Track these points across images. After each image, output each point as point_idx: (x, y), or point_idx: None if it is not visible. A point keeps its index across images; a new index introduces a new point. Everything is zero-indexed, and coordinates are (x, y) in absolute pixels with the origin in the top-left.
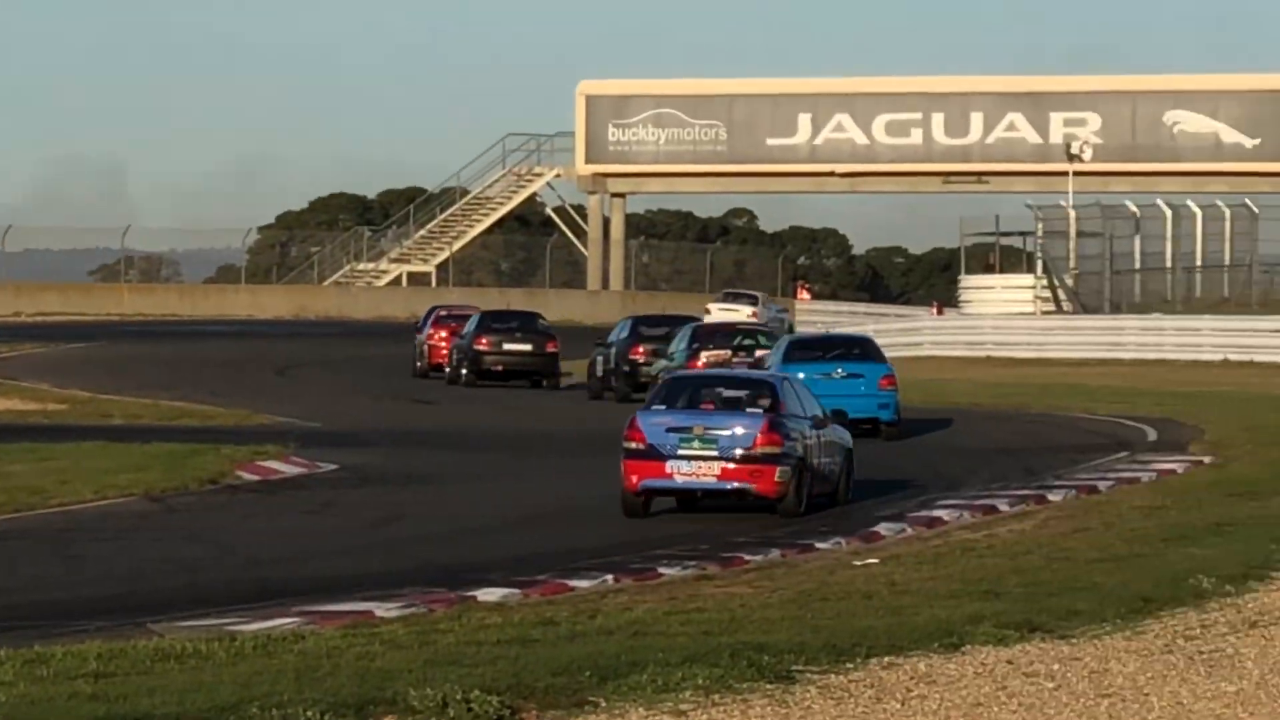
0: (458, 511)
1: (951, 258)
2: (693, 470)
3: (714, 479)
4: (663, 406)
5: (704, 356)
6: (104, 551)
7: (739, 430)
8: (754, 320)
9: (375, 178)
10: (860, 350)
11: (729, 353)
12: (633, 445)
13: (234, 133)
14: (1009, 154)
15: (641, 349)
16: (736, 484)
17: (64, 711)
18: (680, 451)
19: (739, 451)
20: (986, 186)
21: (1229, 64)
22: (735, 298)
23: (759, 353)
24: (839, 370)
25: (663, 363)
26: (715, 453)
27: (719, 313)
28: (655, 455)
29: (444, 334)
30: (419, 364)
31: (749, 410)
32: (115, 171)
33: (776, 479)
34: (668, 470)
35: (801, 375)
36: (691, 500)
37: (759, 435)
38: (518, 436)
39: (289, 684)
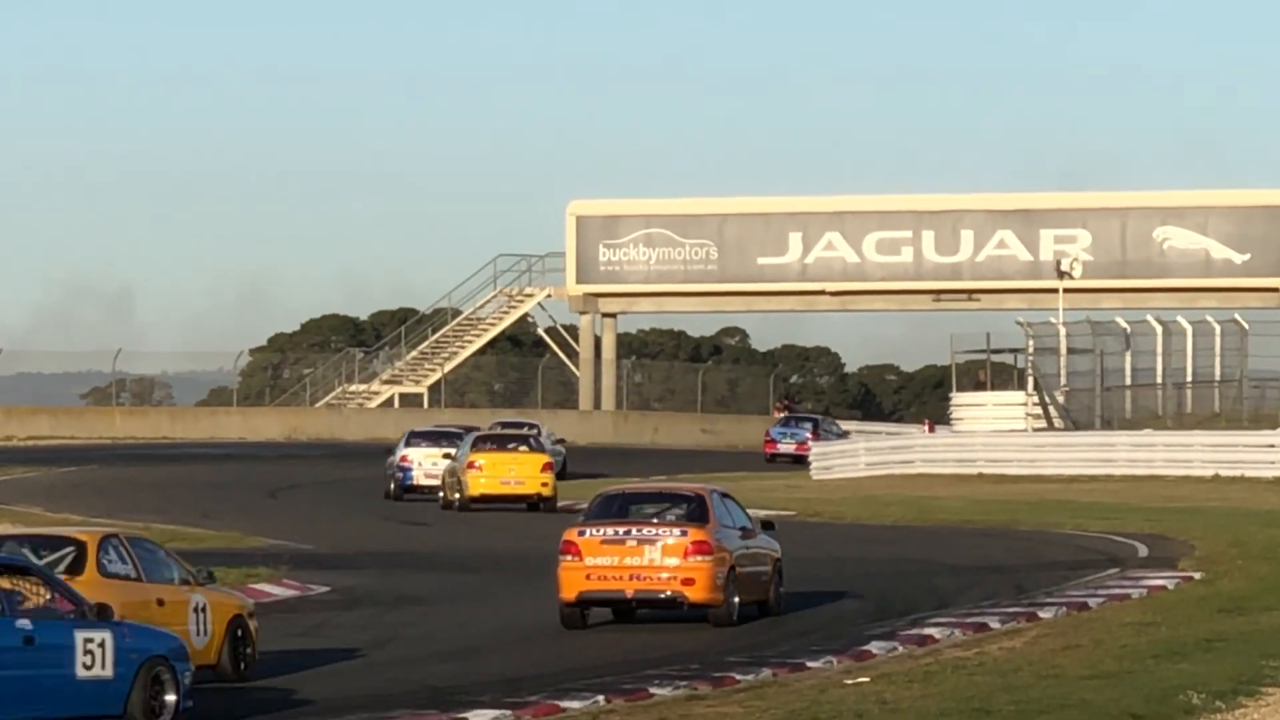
0: (448, 633)
1: (943, 375)
2: None
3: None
4: None
5: None
6: None
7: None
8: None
9: (367, 299)
10: None
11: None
12: None
13: (231, 257)
14: (999, 271)
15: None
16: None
17: None
18: None
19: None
20: (977, 304)
21: (1218, 180)
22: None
23: None
24: None
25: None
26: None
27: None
28: None
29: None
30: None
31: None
32: (121, 294)
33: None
34: None
35: None
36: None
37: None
38: (507, 557)
39: None
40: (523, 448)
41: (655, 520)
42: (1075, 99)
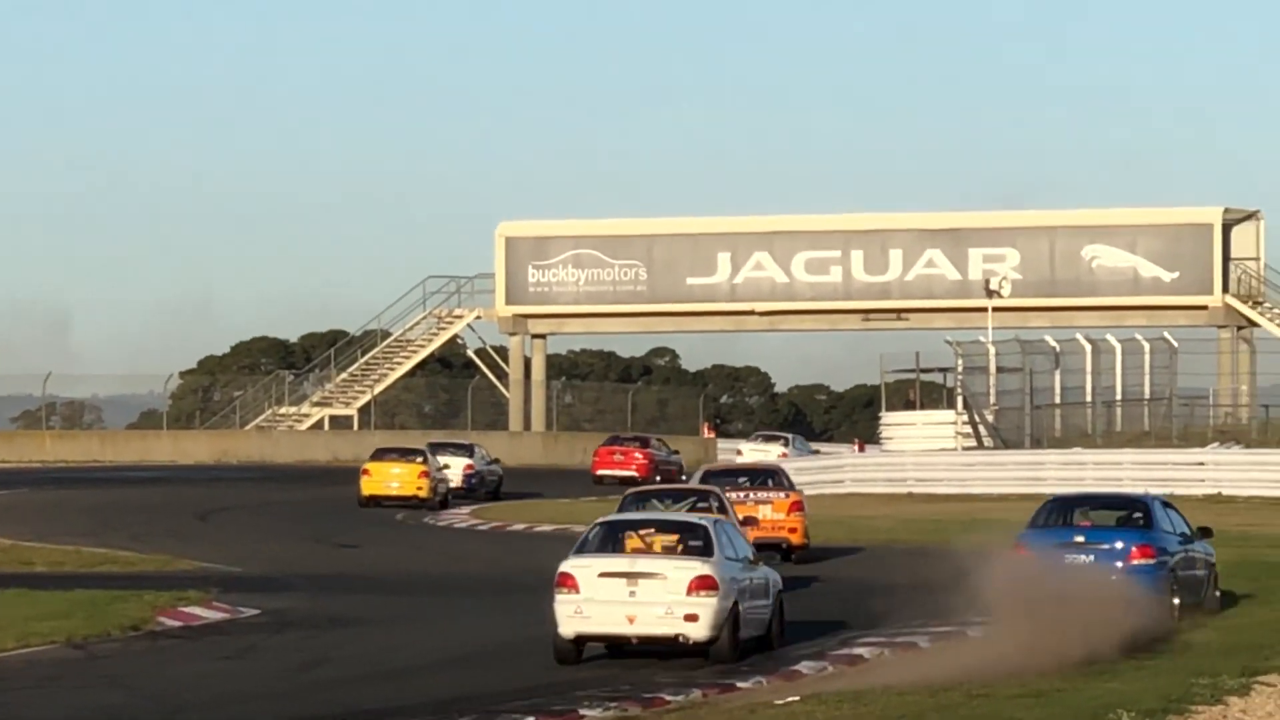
0: (380, 655)
1: (873, 394)
2: None
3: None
4: None
5: None
6: (26, 700)
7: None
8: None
9: (297, 321)
10: None
11: None
12: None
13: (162, 280)
14: (928, 290)
15: None
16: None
17: None
18: None
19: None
20: (906, 323)
21: (1146, 198)
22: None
23: None
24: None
25: None
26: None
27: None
28: None
29: None
30: None
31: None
32: (53, 317)
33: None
34: None
35: None
36: None
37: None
38: (438, 578)
39: None
40: (418, 459)
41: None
42: (1003, 118)
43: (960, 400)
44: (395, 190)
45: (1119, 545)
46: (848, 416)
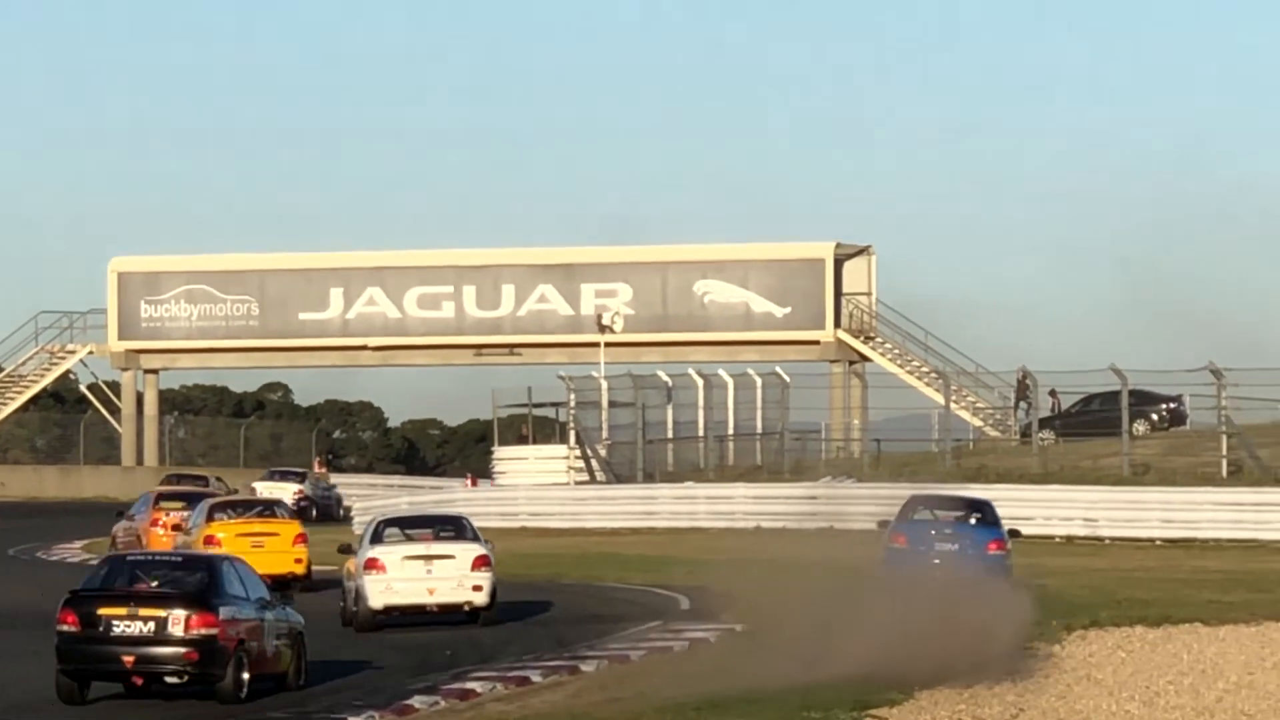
0: None
1: (486, 429)
2: None
3: None
4: None
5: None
6: None
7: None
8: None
9: None
10: None
11: None
12: None
13: None
14: (541, 325)
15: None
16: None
17: None
18: None
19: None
20: (519, 358)
21: (758, 234)
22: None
23: None
24: None
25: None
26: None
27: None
28: None
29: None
30: None
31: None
32: None
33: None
34: None
35: None
36: None
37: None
38: (47, 615)
39: None
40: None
41: None
42: (614, 152)
43: (573, 434)
44: (5, 224)
45: (978, 537)
46: (461, 451)
